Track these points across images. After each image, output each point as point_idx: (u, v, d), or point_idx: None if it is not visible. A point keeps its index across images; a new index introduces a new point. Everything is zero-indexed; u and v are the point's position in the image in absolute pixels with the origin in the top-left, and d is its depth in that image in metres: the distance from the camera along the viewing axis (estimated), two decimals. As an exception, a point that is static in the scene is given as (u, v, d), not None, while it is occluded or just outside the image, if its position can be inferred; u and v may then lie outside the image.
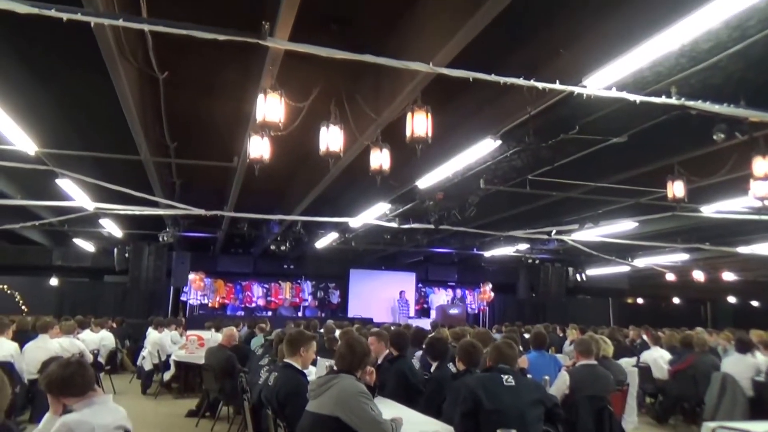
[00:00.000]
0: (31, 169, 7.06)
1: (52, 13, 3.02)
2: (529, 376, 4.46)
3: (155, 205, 8.66)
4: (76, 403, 2.51)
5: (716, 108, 4.27)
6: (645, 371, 7.70)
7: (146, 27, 3.54)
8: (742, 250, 11.37)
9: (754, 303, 23.15)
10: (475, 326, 13.46)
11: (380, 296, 19.09)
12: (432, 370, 4.72)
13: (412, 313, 19.17)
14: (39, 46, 5.22)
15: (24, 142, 5.87)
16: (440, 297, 20.70)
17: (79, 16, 3.12)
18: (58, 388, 2.52)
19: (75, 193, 8.28)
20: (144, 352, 9.41)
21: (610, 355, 6.06)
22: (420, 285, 20.51)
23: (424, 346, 5.17)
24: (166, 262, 15.42)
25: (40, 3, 2.97)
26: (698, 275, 16.12)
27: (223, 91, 6.22)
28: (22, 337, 6.75)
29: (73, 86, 6.12)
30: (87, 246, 15.57)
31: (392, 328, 8.49)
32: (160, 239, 12.30)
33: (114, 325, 11.73)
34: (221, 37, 3.38)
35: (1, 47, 5.21)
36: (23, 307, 16.48)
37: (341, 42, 3.68)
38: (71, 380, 2.53)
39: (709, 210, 8.13)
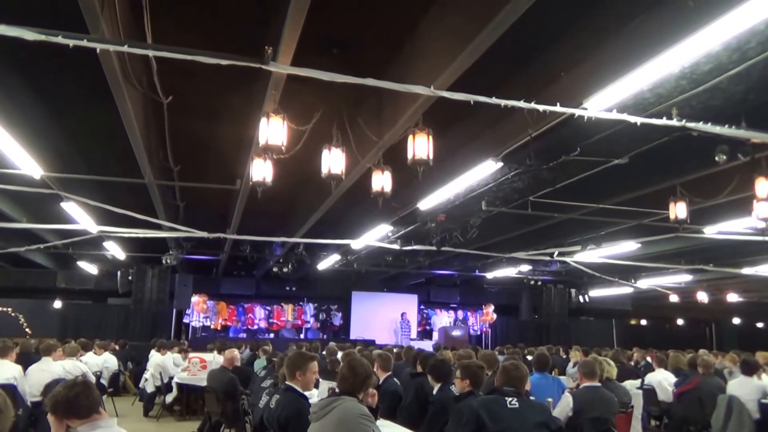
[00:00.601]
0: (37, 192, 7.11)
1: (59, 39, 3.07)
2: (532, 398, 4.42)
3: (158, 227, 8.68)
4: (81, 426, 2.47)
5: (717, 129, 4.27)
6: (650, 393, 7.60)
7: (150, 53, 3.60)
8: (747, 271, 11.31)
9: (759, 324, 22.94)
10: (479, 348, 13.35)
11: (382, 318, 19.00)
12: (435, 392, 4.70)
13: (413, 334, 19.05)
14: (45, 72, 5.30)
15: (30, 166, 5.92)
16: (442, 319, 20.58)
17: (85, 43, 3.17)
18: (63, 409, 2.48)
19: (79, 216, 8.32)
20: (146, 374, 9.35)
21: (614, 377, 5.99)
22: (422, 307, 20.42)
23: (427, 368, 5.15)
24: (168, 284, 15.41)
25: (47, 30, 3.02)
26: (702, 296, 16.02)
27: (226, 115, 6.29)
28: (25, 360, 6.72)
29: (78, 110, 6.20)
30: (90, 269, 15.59)
31: (394, 350, 8.45)
32: (164, 262, 12.29)
33: (116, 347, 11.68)
34: (224, 62, 3.43)
35: (8, 72, 5.30)
36: (27, 330, 16.45)
37: (343, 66, 3.73)
38: (77, 401, 2.49)
39: (712, 231, 8.11)
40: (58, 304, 17.38)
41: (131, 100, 4.89)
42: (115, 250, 12.32)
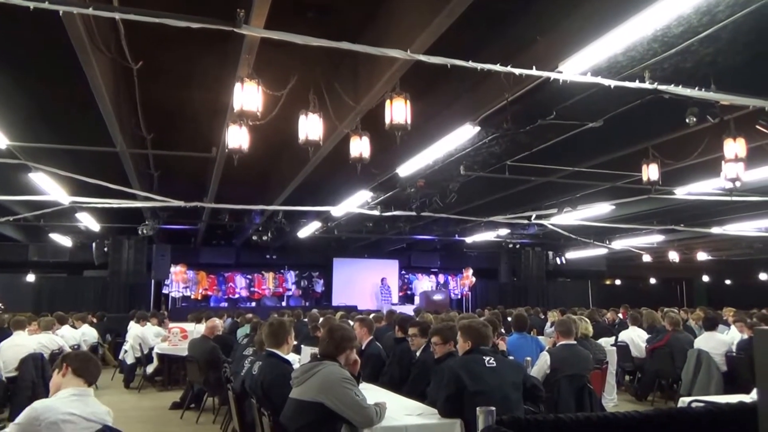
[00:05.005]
0: (2, 163, 6.92)
1: (18, 1, 2.95)
2: (510, 357, 4.55)
3: (133, 197, 8.55)
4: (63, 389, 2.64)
5: (688, 92, 4.35)
6: (623, 350, 7.89)
7: (117, 15, 3.48)
8: (715, 230, 11.64)
9: (727, 281, 23.76)
10: (459, 311, 13.60)
11: (364, 284, 19.18)
12: (418, 353, 4.80)
13: (395, 299, 19.29)
14: (7, 37, 5.09)
15: (-5, 136, 5.76)
16: (423, 283, 20.86)
17: (46, 5, 3.05)
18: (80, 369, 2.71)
19: (49, 186, 8.13)
20: (126, 346, 9.35)
21: (590, 334, 6.19)
22: (403, 272, 20.63)
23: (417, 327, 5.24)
24: (146, 255, 15.27)
25: (6, -8, 2.90)
26: (673, 256, 16.48)
27: (199, 81, 6.15)
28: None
29: (45, 77, 6.00)
30: (64, 241, 15.33)
31: (371, 315, 8.58)
32: (140, 232, 12.14)
33: (94, 320, 11.63)
34: (195, 25, 3.35)
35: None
36: None
37: (318, 30, 3.66)
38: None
39: (683, 192, 8.29)
40: (31, 277, 17.12)
41: (99, 66, 4.74)
42: (88, 222, 12.11)
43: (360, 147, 5.11)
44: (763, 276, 21.98)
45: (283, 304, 18.90)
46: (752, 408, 1.26)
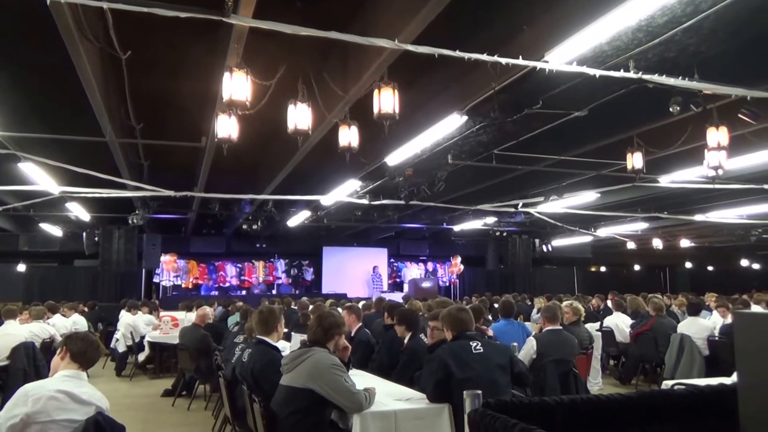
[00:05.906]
0: (-9, 153, 6.88)
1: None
2: (497, 341, 4.64)
3: (123, 187, 8.53)
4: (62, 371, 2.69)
5: (672, 81, 4.43)
6: (608, 335, 8.04)
7: (105, 4, 3.48)
8: (698, 217, 11.81)
9: (709, 267, 24.13)
10: (448, 299, 13.69)
11: (353, 272, 19.26)
12: (405, 341, 4.87)
13: (385, 287, 19.42)
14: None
15: (-18, 126, 5.72)
16: (412, 271, 20.98)
17: (34, -6, 3.06)
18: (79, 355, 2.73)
19: (39, 176, 8.09)
20: (117, 335, 9.38)
21: (583, 316, 6.32)
22: (392, 260, 20.73)
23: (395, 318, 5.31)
24: (136, 244, 15.21)
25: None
26: (657, 243, 16.70)
27: (188, 71, 6.13)
28: (-9, 324, 6.67)
29: (33, 67, 5.96)
30: (54, 230, 15.24)
31: (360, 303, 8.67)
32: (130, 222, 12.09)
33: (85, 309, 11.62)
34: (183, 15, 3.36)
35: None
36: (-11, 294, 16.11)
37: (307, 19, 3.68)
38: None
39: (667, 180, 8.41)
40: (21, 267, 17.03)
41: (88, 56, 4.72)
42: (78, 211, 12.05)
43: (349, 136, 5.15)
44: (744, 262, 22.35)
45: (274, 292, 18.96)
46: (732, 390, 1.28)
